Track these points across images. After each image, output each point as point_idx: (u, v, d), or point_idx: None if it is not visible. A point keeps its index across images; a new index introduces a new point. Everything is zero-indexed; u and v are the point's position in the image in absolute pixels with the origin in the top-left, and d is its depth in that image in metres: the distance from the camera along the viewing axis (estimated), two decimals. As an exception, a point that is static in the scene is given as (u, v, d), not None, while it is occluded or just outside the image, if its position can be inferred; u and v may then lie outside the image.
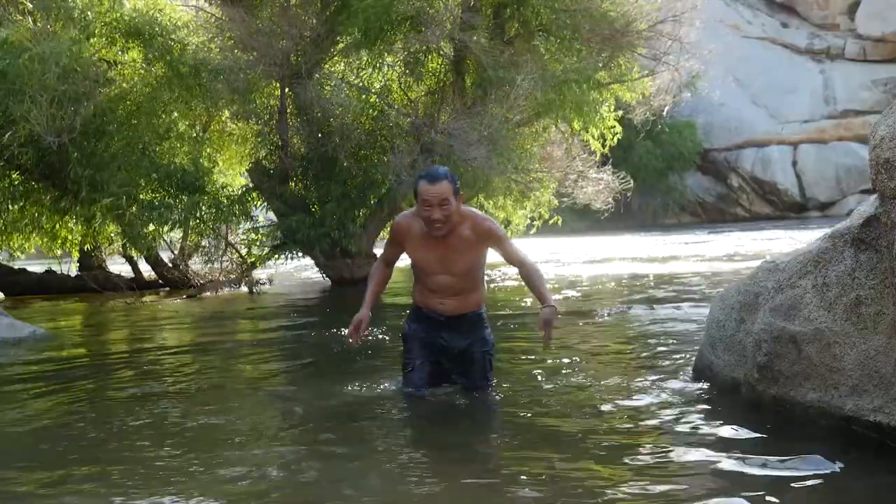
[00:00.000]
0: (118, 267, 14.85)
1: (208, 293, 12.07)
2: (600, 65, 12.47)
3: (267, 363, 5.85)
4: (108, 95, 11.18)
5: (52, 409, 4.38)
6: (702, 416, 3.61)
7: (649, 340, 5.76)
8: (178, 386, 4.92)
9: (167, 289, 13.64)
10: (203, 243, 12.93)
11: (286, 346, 6.77)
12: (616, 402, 3.89)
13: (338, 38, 12.14)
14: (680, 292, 8.89)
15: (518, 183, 12.97)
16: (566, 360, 5.00)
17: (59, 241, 13.27)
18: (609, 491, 2.70)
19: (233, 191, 12.80)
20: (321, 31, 11.80)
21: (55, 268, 14.71)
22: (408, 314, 4.06)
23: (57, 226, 12.77)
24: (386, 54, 12.38)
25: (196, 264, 13.67)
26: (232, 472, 3.04)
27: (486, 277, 4.00)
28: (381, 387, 4.33)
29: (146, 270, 14.30)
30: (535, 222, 15.32)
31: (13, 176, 11.76)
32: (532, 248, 17.51)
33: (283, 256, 12.54)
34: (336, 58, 12.73)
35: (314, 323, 8.00)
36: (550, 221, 15.17)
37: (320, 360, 5.76)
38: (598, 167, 14.59)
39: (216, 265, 12.79)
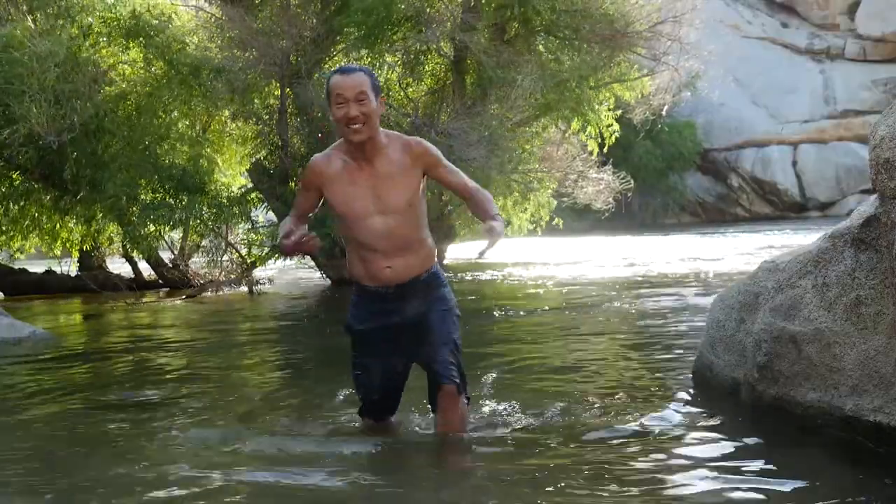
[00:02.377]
0: (118, 267, 14.85)
1: (208, 293, 12.07)
2: (600, 65, 12.47)
3: (267, 364, 5.85)
4: (108, 95, 11.18)
5: (52, 410, 4.38)
6: (701, 416, 3.61)
7: (649, 340, 5.76)
8: (177, 387, 4.92)
9: (167, 289, 13.64)
10: (203, 243, 12.94)
11: (286, 346, 6.77)
12: (615, 402, 3.89)
13: (338, 38, 12.14)
14: (679, 292, 8.88)
15: (518, 183, 12.97)
16: (565, 360, 5.00)
17: (60, 242, 13.28)
18: (608, 491, 2.69)
19: (233, 191, 12.80)
20: (321, 31, 11.80)
21: (55, 268, 14.70)
22: (351, 302, 3.31)
23: (57, 226, 12.77)
24: (386, 54, 12.39)
25: (196, 264, 13.67)
26: (232, 473, 3.04)
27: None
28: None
29: (146, 270, 14.29)
30: (537, 227, 15.30)
31: (13, 176, 11.77)
32: (533, 248, 17.52)
33: (282, 256, 12.53)
34: (336, 58, 12.73)
35: (314, 323, 8.00)
36: (553, 222, 15.17)
37: (321, 361, 5.76)
38: (598, 167, 14.59)
39: (216, 265, 12.79)
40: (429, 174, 3.13)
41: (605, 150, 14.39)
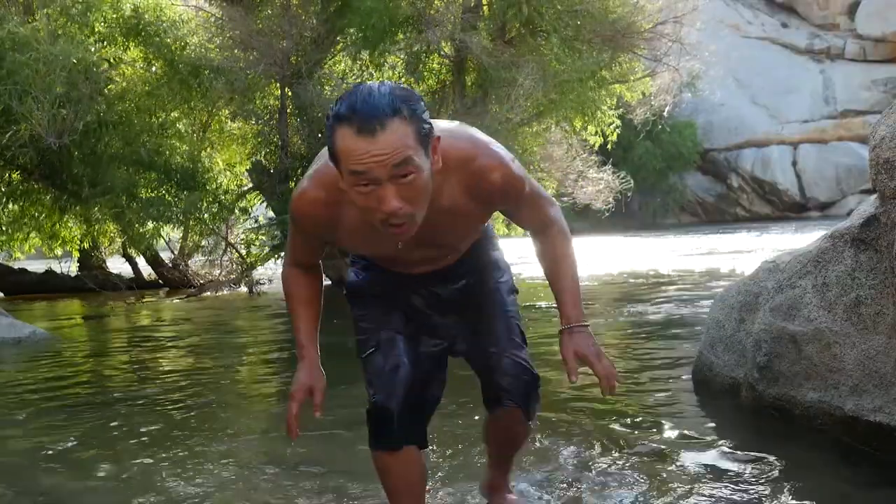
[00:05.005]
0: (118, 267, 14.85)
1: (208, 293, 12.07)
2: (601, 65, 12.47)
3: (267, 364, 5.85)
4: (108, 95, 11.19)
5: (52, 410, 4.38)
6: (701, 416, 3.61)
7: (648, 340, 5.76)
8: (178, 387, 4.92)
9: (167, 289, 13.64)
10: (203, 243, 12.95)
11: (286, 346, 6.77)
12: (614, 402, 3.89)
13: (338, 38, 12.15)
14: (679, 292, 8.88)
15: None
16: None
17: (59, 241, 13.29)
18: (607, 491, 2.70)
19: (233, 190, 12.81)
20: (321, 31, 11.80)
21: (55, 268, 14.71)
22: (351, 261, 2.31)
23: (57, 225, 12.78)
24: (387, 54, 12.39)
25: (196, 264, 13.68)
26: (231, 475, 3.04)
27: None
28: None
29: (146, 270, 14.29)
30: None
31: (13, 176, 11.77)
32: (532, 248, 17.47)
33: (282, 256, 12.55)
34: (337, 58, 12.74)
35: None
36: None
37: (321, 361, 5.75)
38: (598, 167, 14.59)
39: (216, 265, 12.80)
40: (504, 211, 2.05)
41: (609, 146, 14.40)
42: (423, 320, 2.18)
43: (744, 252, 14.48)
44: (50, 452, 3.47)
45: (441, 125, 1.86)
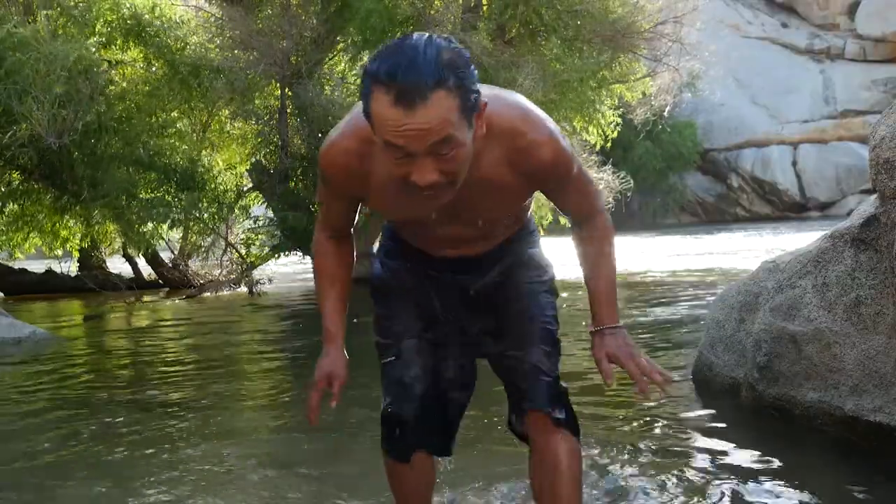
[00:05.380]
0: (118, 267, 14.85)
1: (208, 293, 12.07)
2: (602, 65, 12.48)
3: (267, 365, 5.85)
4: (108, 95, 11.19)
5: (52, 410, 4.38)
6: (701, 416, 3.61)
7: (648, 341, 5.76)
8: (178, 387, 4.92)
9: (167, 289, 13.64)
10: (202, 243, 12.94)
11: (287, 346, 6.77)
12: (614, 402, 3.89)
13: (338, 38, 12.15)
14: (679, 292, 8.88)
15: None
16: (563, 361, 4.99)
17: (60, 241, 13.29)
18: (606, 490, 2.69)
19: (233, 190, 12.81)
20: (321, 31, 11.81)
21: (55, 268, 14.71)
22: (379, 243, 2.18)
23: (57, 225, 12.78)
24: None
25: (196, 264, 13.67)
26: (230, 476, 3.04)
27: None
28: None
29: (146, 270, 14.30)
30: (540, 227, 15.29)
31: (13, 176, 11.78)
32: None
33: (282, 256, 12.55)
34: (337, 58, 12.74)
35: (314, 323, 7.99)
36: (554, 222, 15.15)
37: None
38: (598, 167, 14.59)
39: (216, 265, 12.80)
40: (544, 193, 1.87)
41: (609, 145, 14.39)
42: (450, 319, 2.04)
43: (744, 252, 14.48)
44: (49, 452, 3.47)
45: (489, 90, 1.70)
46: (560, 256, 2.47)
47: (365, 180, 1.77)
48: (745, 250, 15.05)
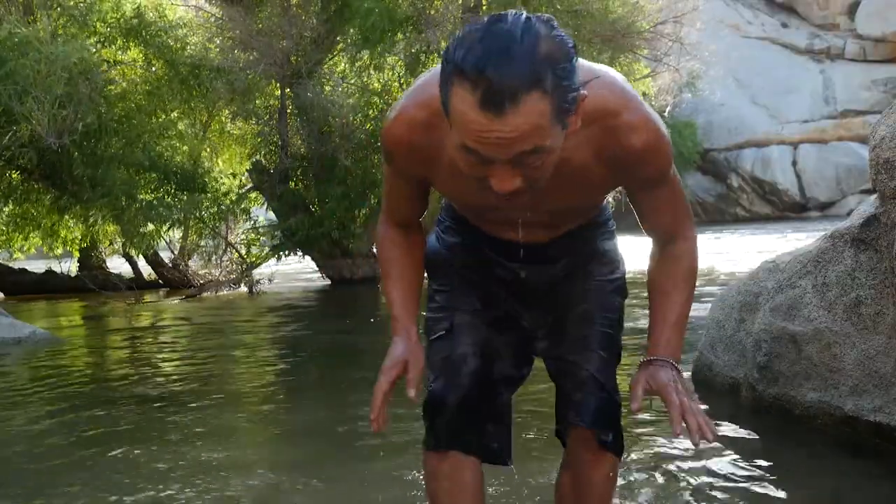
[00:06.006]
0: (118, 267, 14.85)
1: (208, 293, 12.07)
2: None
3: (267, 365, 5.84)
4: (108, 95, 11.19)
5: (52, 410, 4.38)
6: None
7: (648, 340, 5.75)
8: (177, 387, 4.92)
9: (167, 289, 13.64)
10: (203, 243, 12.94)
11: (287, 346, 6.77)
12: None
13: (338, 38, 12.16)
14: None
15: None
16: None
17: (60, 241, 13.29)
18: (609, 491, 2.69)
19: (233, 190, 12.82)
20: (321, 31, 11.81)
21: (55, 268, 14.72)
22: (436, 221, 1.96)
23: (57, 225, 12.79)
24: (387, 55, 12.40)
25: (196, 264, 13.68)
26: (230, 476, 3.04)
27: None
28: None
29: (146, 270, 14.30)
30: None
31: (13, 176, 11.78)
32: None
33: (282, 256, 12.55)
34: (337, 58, 12.74)
35: (315, 323, 7.99)
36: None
37: (322, 361, 5.75)
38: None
39: (216, 265, 12.80)
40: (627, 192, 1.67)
41: None
42: (506, 308, 1.83)
43: (744, 252, 14.48)
44: (49, 452, 3.47)
45: (585, 66, 1.44)
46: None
47: (433, 158, 1.55)
48: (745, 250, 15.05)
